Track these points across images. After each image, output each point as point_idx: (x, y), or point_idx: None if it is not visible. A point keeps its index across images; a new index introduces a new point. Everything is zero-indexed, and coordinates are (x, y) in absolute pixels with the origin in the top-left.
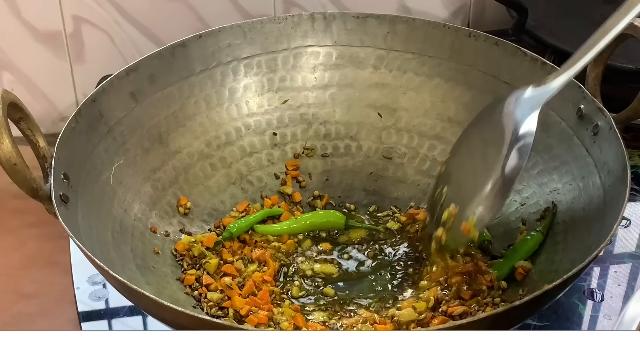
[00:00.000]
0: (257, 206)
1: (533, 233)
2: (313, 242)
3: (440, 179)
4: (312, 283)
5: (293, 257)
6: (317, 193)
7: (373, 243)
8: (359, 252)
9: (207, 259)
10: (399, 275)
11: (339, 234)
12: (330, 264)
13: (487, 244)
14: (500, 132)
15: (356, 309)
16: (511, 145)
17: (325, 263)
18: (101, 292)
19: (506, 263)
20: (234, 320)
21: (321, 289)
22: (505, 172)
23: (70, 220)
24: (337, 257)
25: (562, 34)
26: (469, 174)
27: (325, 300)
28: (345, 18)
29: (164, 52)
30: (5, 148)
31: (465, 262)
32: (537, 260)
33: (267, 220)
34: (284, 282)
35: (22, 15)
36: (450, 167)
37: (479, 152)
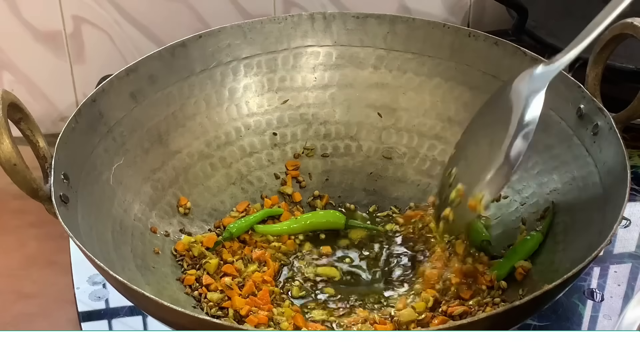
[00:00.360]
0: (257, 206)
1: (533, 233)
2: (313, 244)
3: (451, 161)
4: (313, 284)
5: (293, 257)
6: (317, 193)
7: (372, 244)
8: (358, 254)
9: (207, 259)
10: (398, 276)
11: (339, 236)
12: (332, 267)
13: (487, 244)
14: (508, 110)
15: (356, 307)
16: (520, 123)
17: (327, 266)
18: (101, 292)
19: (506, 263)
20: (234, 320)
21: (321, 287)
22: (512, 148)
23: (70, 220)
24: (337, 261)
25: (562, 34)
26: (478, 153)
27: (325, 298)
28: (345, 18)
29: (164, 52)
30: (5, 148)
31: (465, 262)
32: (537, 260)
33: (267, 220)
34: (284, 282)
35: (22, 15)
36: (460, 148)
37: (488, 132)
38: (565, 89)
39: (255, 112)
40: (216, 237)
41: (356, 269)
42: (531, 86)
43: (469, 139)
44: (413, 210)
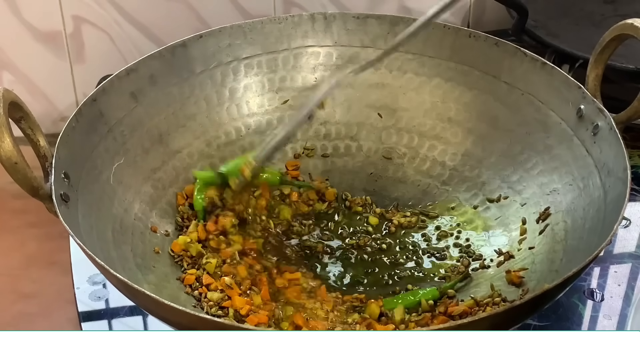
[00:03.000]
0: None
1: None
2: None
3: None
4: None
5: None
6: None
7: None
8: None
9: (207, 259)
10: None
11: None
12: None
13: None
14: None
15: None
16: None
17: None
18: (101, 292)
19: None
20: (234, 320)
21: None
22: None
23: (70, 219)
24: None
25: (562, 34)
26: None
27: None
28: (345, 18)
29: (164, 52)
30: (6, 147)
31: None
32: (537, 260)
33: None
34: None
35: (22, 15)
36: None
37: None
38: (566, 90)
39: (255, 112)
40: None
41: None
42: None
43: None
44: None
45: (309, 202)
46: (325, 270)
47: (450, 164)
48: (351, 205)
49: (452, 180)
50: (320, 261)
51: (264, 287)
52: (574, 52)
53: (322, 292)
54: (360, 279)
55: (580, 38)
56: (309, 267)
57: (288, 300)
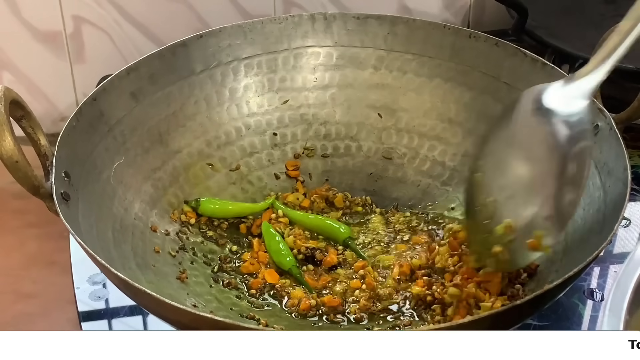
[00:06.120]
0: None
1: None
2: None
3: (477, 188)
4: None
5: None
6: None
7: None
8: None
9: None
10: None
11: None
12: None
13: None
14: (543, 138)
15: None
16: (571, 154)
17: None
18: (101, 291)
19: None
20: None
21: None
22: (572, 183)
23: (71, 218)
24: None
25: (562, 34)
26: (516, 182)
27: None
28: (345, 18)
29: (164, 51)
30: (7, 145)
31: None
32: (537, 260)
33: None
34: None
35: (22, 15)
36: (488, 170)
37: (521, 157)
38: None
39: (255, 112)
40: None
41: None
42: (572, 118)
43: (497, 161)
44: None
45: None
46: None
47: (451, 164)
48: (351, 206)
49: (452, 181)
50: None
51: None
52: (574, 52)
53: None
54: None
55: (580, 38)
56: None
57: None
